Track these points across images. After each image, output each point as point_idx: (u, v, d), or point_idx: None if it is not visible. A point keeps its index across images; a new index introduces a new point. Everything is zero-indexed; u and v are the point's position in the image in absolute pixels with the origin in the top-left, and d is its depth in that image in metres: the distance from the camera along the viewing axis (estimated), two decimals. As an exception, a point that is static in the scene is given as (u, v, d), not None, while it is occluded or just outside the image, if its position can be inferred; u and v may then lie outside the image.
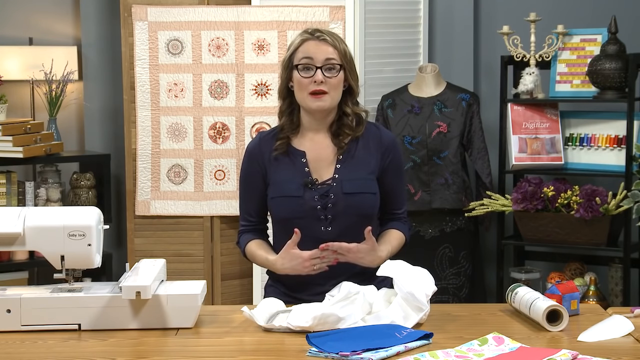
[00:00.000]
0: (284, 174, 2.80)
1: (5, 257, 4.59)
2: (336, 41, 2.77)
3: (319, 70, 2.73)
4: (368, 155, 2.81)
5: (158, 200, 4.57)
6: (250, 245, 2.87)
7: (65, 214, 2.58)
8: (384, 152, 2.83)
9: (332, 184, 2.78)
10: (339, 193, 2.76)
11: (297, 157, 2.81)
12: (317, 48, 2.75)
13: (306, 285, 2.76)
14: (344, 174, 2.79)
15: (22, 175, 4.80)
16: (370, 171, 2.80)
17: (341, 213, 2.76)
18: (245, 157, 2.88)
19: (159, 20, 4.51)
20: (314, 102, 2.75)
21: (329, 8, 4.46)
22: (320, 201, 2.77)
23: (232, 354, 2.35)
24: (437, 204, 4.48)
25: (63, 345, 2.42)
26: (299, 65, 2.75)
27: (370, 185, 2.79)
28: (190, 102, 4.54)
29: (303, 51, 2.76)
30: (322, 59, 2.74)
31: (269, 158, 2.82)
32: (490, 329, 2.44)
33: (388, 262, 2.64)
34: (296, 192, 2.77)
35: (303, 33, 2.80)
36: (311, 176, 2.79)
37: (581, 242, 4.37)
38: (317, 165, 2.81)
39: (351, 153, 2.81)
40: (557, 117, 4.58)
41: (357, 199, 2.77)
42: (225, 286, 4.61)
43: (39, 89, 4.81)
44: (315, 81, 2.73)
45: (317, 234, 2.75)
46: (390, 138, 2.87)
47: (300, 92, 2.76)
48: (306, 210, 2.76)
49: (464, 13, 4.91)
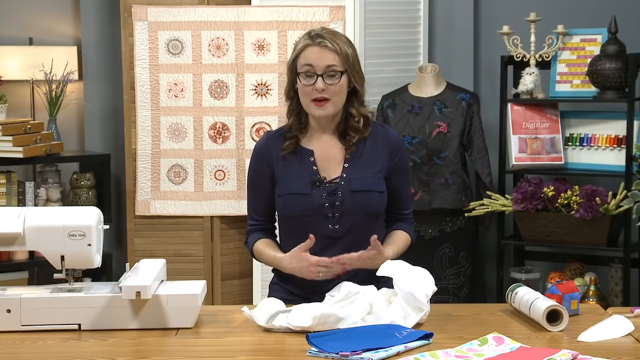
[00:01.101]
0: (292, 172, 2.80)
1: (5, 257, 4.59)
2: (338, 45, 2.74)
3: (319, 78, 2.72)
4: (376, 155, 2.82)
5: (158, 200, 4.57)
6: (258, 244, 2.87)
7: (65, 214, 2.58)
8: (391, 152, 2.83)
9: (340, 182, 2.78)
10: (347, 191, 2.77)
11: (305, 156, 2.81)
12: (318, 55, 2.73)
13: (312, 287, 2.76)
14: (352, 172, 2.79)
15: (22, 175, 4.80)
16: (378, 170, 2.81)
17: (349, 211, 2.77)
18: (253, 157, 2.88)
19: (159, 20, 4.51)
20: (316, 110, 2.75)
21: (329, 8, 4.46)
22: (328, 199, 2.77)
23: (232, 354, 2.35)
24: (437, 204, 4.48)
25: (63, 345, 2.42)
26: (300, 73, 2.75)
27: (378, 183, 2.80)
28: (190, 102, 4.54)
29: (304, 57, 2.75)
30: (323, 67, 2.72)
31: (276, 157, 2.82)
32: (490, 329, 2.44)
33: (388, 262, 2.64)
34: (304, 190, 2.78)
35: (306, 36, 2.77)
36: (319, 175, 2.79)
37: (581, 242, 4.37)
38: (325, 164, 2.81)
39: (359, 152, 2.81)
40: (557, 117, 4.58)
41: (365, 197, 2.77)
42: (225, 286, 4.61)
43: (39, 89, 4.81)
44: (317, 89, 2.73)
45: (325, 232, 2.76)
46: (398, 138, 2.88)
47: (303, 98, 2.77)
48: (314, 208, 2.77)
49: (464, 13, 4.91)
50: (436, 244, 4.53)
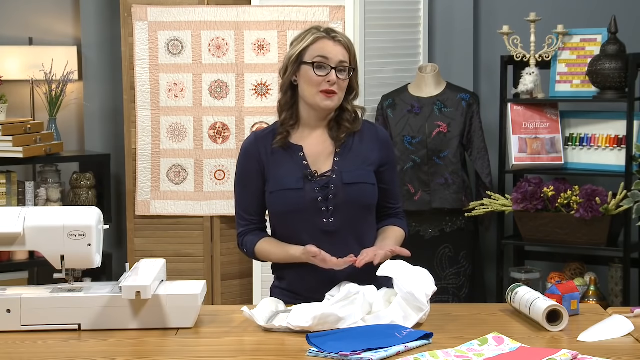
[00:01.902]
0: (283, 169, 2.81)
1: (5, 257, 4.59)
2: (348, 44, 2.80)
3: (333, 70, 2.75)
4: (365, 148, 2.83)
5: (158, 200, 4.57)
6: (261, 244, 2.85)
7: (65, 214, 2.58)
8: (381, 147, 2.85)
9: (331, 175, 2.79)
10: (339, 184, 2.77)
11: (295, 152, 2.81)
12: (334, 49, 2.76)
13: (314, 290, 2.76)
14: (343, 165, 2.80)
15: (22, 175, 4.80)
16: (369, 164, 2.82)
17: (342, 204, 2.77)
18: (241, 156, 2.87)
19: (159, 20, 4.51)
20: (324, 101, 2.76)
21: (329, 8, 4.46)
22: (321, 192, 2.77)
23: (232, 354, 2.35)
24: (437, 204, 4.48)
25: (63, 345, 2.42)
26: (314, 62, 2.75)
27: (369, 176, 2.81)
28: (190, 102, 4.54)
29: (318, 49, 2.76)
30: (337, 61, 2.76)
31: (266, 154, 2.82)
32: (490, 329, 2.44)
33: (388, 262, 2.65)
34: (296, 185, 2.78)
35: (314, 31, 2.79)
36: (310, 169, 2.80)
37: (581, 242, 4.37)
38: (315, 159, 2.81)
39: (349, 146, 2.83)
40: (557, 117, 4.58)
41: (357, 189, 2.78)
42: (225, 286, 4.61)
43: (39, 89, 4.81)
44: (329, 81, 2.74)
45: (319, 226, 2.76)
46: (386, 135, 2.92)
47: (310, 88, 2.76)
48: (307, 202, 2.76)
49: (464, 13, 4.92)
50: (436, 244, 4.53)
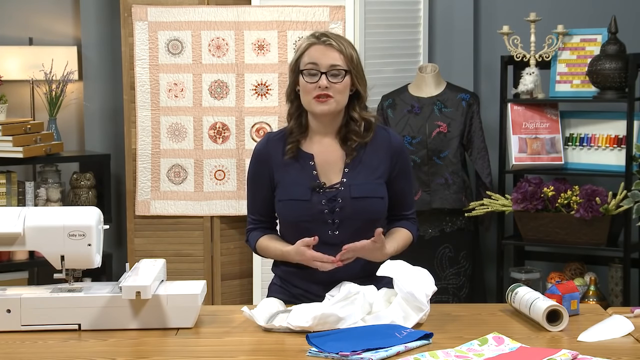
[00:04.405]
0: (291, 177, 2.79)
1: (5, 257, 4.59)
2: (342, 46, 2.74)
3: (323, 75, 2.71)
4: (377, 160, 2.79)
5: (158, 200, 4.57)
6: (262, 240, 2.86)
7: (65, 214, 2.58)
8: (392, 156, 2.81)
9: (340, 188, 2.76)
10: (347, 197, 2.75)
11: (306, 160, 2.79)
12: (323, 53, 2.72)
13: (312, 288, 2.76)
14: (352, 178, 2.77)
15: (22, 175, 4.80)
16: (379, 176, 2.79)
17: (348, 217, 2.75)
18: (252, 159, 2.87)
19: (159, 20, 4.51)
20: (318, 106, 2.73)
21: (329, 8, 4.46)
22: (328, 205, 2.76)
23: (232, 354, 2.36)
24: (437, 204, 4.48)
25: (63, 345, 2.42)
26: (304, 70, 2.74)
27: (379, 189, 2.78)
28: (190, 102, 4.54)
29: (309, 56, 2.74)
30: (327, 65, 2.71)
31: (276, 161, 2.81)
32: (490, 329, 2.44)
33: (388, 262, 2.64)
34: (304, 196, 2.76)
35: (310, 37, 2.77)
36: (319, 179, 2.78)
37: (581, 242, 4.37)
38: (325, 169, 2.79)
39: (360, 158, 2.79)
40: (557, 117, 4.58)
41: (365, 203, 2.75)
42: (225, 286, 4.61)
43: (39, 89, 4.81)
44: (320, 87, 2.71)
45: (324, 238, 2.74)
46: (399, 142, 2.86)
47: (305, 96, 2.75)
48: (313, 214, 2.75)
49: (464, 13, 4.92)
50: (436, 244, 4.53)
